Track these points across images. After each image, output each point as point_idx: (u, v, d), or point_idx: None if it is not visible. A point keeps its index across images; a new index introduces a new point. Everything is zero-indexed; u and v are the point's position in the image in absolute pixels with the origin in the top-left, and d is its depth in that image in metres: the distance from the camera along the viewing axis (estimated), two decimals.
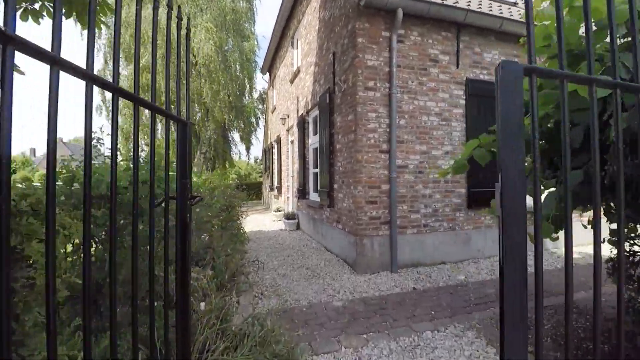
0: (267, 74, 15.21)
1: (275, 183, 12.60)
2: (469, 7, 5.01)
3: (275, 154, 12.89)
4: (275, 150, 12.87)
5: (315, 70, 7.02)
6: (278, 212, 10.68)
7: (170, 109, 1.43)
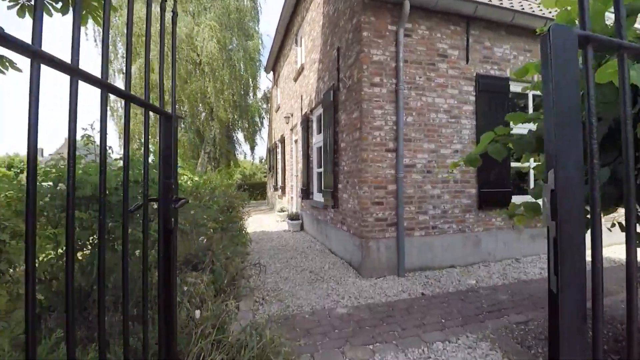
0: (271, 73, 15.06)
1: (279, 183, 12.44)
2: (478, 0, 4.79)
3: (279, 153, 12.74)
4: (279, 149, 12.72)
5: (319, 67, 6.84)
6: (282, 213, 10.52)
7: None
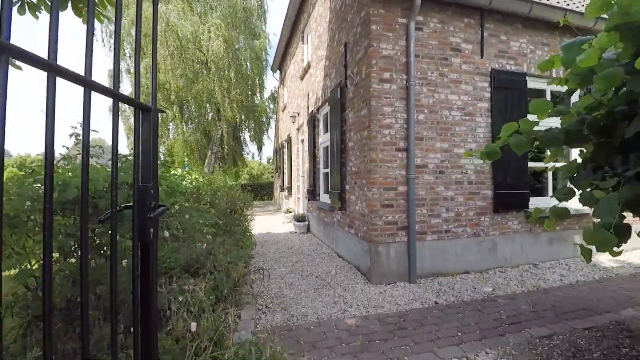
0: (278, 72, 14.87)
1: (286, 183, 12.25)
2: None
3: (285, 153, 12.55)
4: (285, 149, 12.53)
5: (326, 64, 6.62)
6: (288, 214, 10.33)
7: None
